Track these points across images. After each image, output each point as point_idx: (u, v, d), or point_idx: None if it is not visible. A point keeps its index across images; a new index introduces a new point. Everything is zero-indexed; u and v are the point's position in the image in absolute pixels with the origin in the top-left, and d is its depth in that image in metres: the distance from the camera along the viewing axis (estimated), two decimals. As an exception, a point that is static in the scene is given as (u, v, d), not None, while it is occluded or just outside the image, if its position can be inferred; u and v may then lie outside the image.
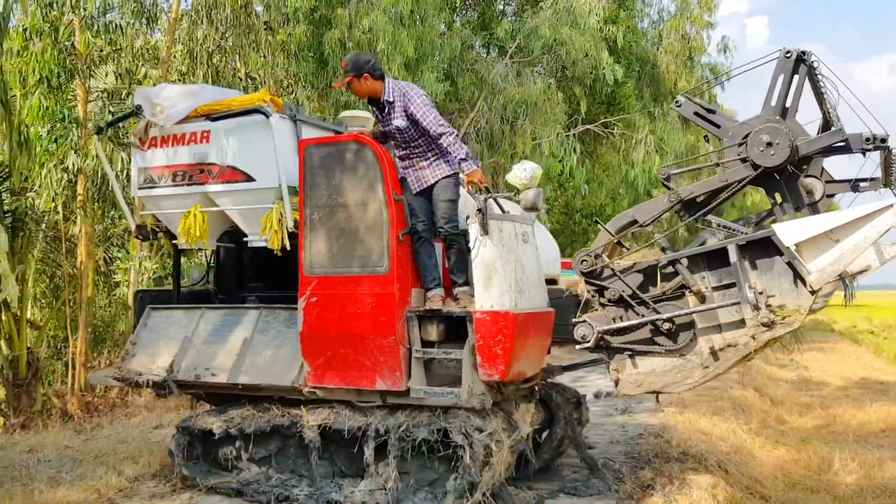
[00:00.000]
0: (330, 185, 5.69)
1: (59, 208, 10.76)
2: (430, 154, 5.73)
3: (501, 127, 15.53)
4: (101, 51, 11.40)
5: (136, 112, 6.50)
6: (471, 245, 5.37)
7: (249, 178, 6.10)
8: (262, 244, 6.04)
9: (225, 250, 7.24)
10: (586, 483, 6.45)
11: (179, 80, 12.08)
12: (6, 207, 10.19)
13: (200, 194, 6.33)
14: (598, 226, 5.97)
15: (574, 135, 15.96)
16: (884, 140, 5.15)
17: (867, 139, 5.19)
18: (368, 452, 5.58)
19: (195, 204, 6.33)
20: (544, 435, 6.96)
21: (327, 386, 5.74)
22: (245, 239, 6.34)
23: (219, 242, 6.82)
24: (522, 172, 6.28)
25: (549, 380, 6.74)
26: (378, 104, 5.85)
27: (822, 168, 5.75)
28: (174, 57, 12.68)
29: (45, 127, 10.46)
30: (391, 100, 5.72)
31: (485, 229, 5.24)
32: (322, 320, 5.68)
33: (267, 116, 5.95)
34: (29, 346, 10.78)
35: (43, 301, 13.00)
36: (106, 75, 11.65)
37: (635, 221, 5.68)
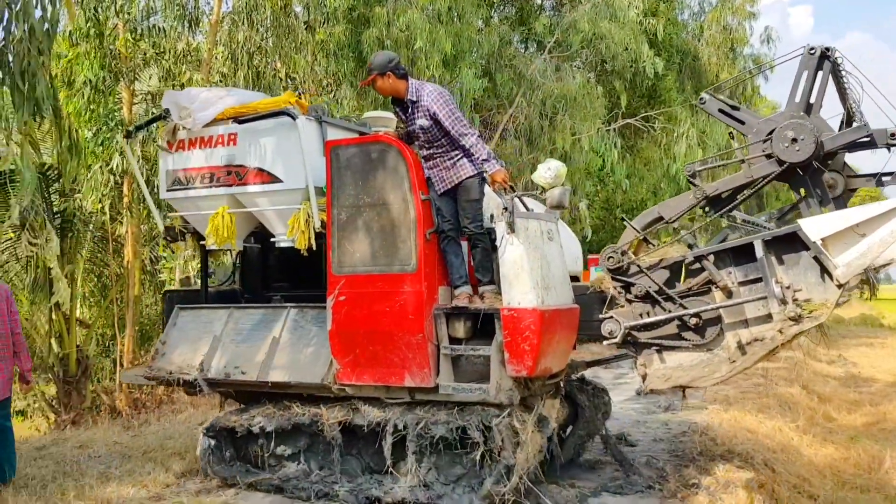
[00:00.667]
0: (357, 185, 5.76)
1: (106, 209, 10.97)
2: (453, 153, 5.74)
3: (540, 122, 15.45)
4: (145, 54, 11.59)
5: (164, 116, 6.61)
6: (498, 243, 5.42)
7: (277, 180, 6.16)
8: (290, 244, 6.12)
9: (250, 251, 7.31)
10: (629, 481, 6.40)
11: (221, 81, 12.24)
12: (55, 209, 10.46)
13: (228, 196, 6.41)
14: (625, 223, 6.03)
15: (614, 129, 15.81)
16: None
17: (892, 134, 5.22)
18: (387, 447, 5.64)
19: (223, 205, 6.40)
20: (568, 430, 7.01)
21: (357, 383, 5.82)
22: (272, 239, 6.42)
23: (245, 243, 6.89)
24: (547, 172, 6.32)
25: (573, 376, 6.78)
26: (401, 104, 5.88)
27: (844, 163, 5.78)
28: (215, 59, 12.84)
29: (91, 129, 10.67)
30: (414, 99, 5.75)
31: (511, 228, 5.30)
32: (351, 318, 5.75)
33: (293, 118, 6.01)
34: (78, 344, 11.06)
35: (91, 300, 13.29)
36: (150, 78, 11.85)
37: (661, 218, 5.74)
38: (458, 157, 5.73)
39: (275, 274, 7.38)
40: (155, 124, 7.18)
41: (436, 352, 5.56)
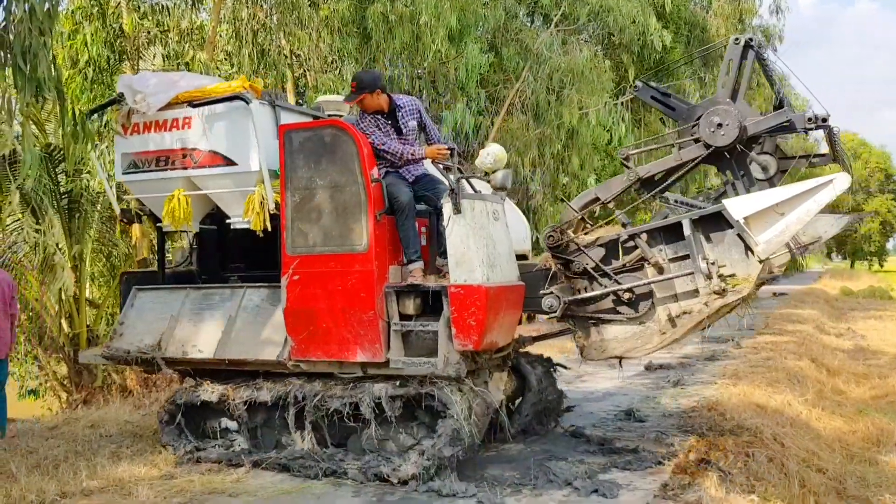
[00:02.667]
0: (309, 168, 5.98)
1: (113, 189, 10.96)
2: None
3: (547, 97, 15.30)
4: (149, 33, 11.53)
5: (119, 99, 6.68)
6: (445, 223, 5.66)
7: (231, 163, 6.33)
8: (245, 226, 6.29)
9: (207, 232, 7.36)
10: (638, 457, 6.41)
11: (226, 60, 12.18)
12: (62, 189, 10.45)
13: (183, 178, 6.56)
14: (564, 203, 6.46)
15: (622, 103, 15.66)
16: (825, 120, 5.44)
17: (809, 119, 5.52)
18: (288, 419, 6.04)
19: (178, 188, 6.54)
20: (517, 402, 7.32)
21: (311, 359, 6.06)
22: (228, 221, 6.60)
23: (201, 225, 6.99)
24: (487, 157, 6.47)
25: (519, 350, 7.04)
26: (384, 114, 6.21)
27: (777, 145, 6.21)
28: (220, 37, 12.76)
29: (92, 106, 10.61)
30: (401, 105, 6.23)
31: (457, 208, 5.57)
32: (304, 297, 5.98)
33: (247, 103, 6.17)
34: (88, 323, 11.10)
35: (101, 280, 13.33)
36: (154, 57, 11.80)
37: (598, 199, 6.07)
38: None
39: (231, 255, 7.47)
40: (109, 108, 7.27)
41: (387, 328, 5.81)
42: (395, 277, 5.91)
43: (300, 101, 14.62)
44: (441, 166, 6.31)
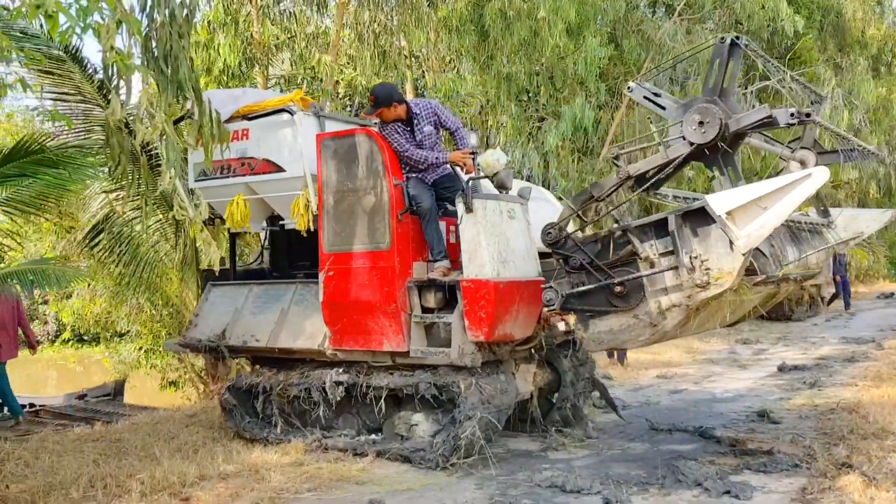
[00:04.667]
0: (341, 172, 6.50)
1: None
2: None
3: (671, 88, 14.85)
4: (277, 38, 11.98)
5: (189, 115, 7.07)
6: (458, 222, 6.03)
7: (280, 169, 6.94)
8: (294, 226, 6.85)
9: (278, 233, 7.85)
10: (773, 459, 6.10)
11: (349, 63, 12.48)
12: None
13: (243, 184, 7.19)
14: (562, 201, 6.80)
15: (752, 92, 14.97)
16: (808, 115, 5.50)
17: (791, 114, 5.53)
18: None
19: (238, 193, 7.19)
20: (555, 396, 7.41)
21: (345, 348, 6.54)
22: (281, 222, 7.21)
23: (271, 226, 7.59)
24: (489, 159, 6.55)
25: (554, 343, 6.97)
26: (403, 123, 6.59)
27: (815, 140, 6.38)
28: (343, 41, 13.12)
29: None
30: (417, 112, 6.61)
31: (469, 207, 5.92)
32: (338, 291, 6.49)
33: (291, 114, 6.81)
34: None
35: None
36: (282, 62, 12.26)
37: (593, 196, 6.22)
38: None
39: (298, 253, 7.80)
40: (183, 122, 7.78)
41: (409, 320, 6.24)
42: (419, 273, 6.30)
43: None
44: (458, 168, 6.67)
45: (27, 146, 8.17)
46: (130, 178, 6.92)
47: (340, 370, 6.63)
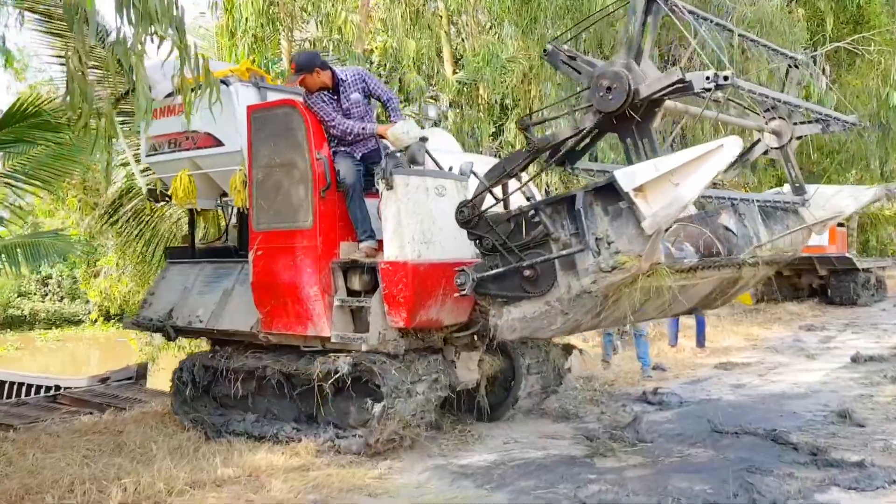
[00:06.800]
0: (269, 146, 6.19)
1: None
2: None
3: (730, 52, 13.65)
4: (304, -1, 11.15)
5: (135, 88, 6.80)
6: (380, 200, 5.72)
7: (220, 143, 6.73)
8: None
9: (245, 209, 7.40)
10: (866, 473, 5.12)
11: (383, 29, 11.62)
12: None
13: (188, 159, 7.00)
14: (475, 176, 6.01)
15: (822, 55, 13.69)
16: (726, 78, 4.64)
17: (707, 78, 4.72)
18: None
19: (184, 168, 7.00)
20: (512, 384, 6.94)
21: (275, 332, 6.26)
22: (224, 198, 7.07)
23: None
24: (397, 132, 6.17)
25: None
26: (330, 91, 6.23)
27: (791, 111, 5.89)
28: (375, 5, 12.24)
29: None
30: (344, 78, 6.25)
31: (389, 184, 5.60)
32: (266, 272, 6.22)
33: (227, 86, 6.52)
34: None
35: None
36: (307, 24, 11.43)
37: (506, 170, 5.60)
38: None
39: None
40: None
41: (332, 303, 5.91)
42: (347, 254, 5.98)
43: (457, 69, 13.92)
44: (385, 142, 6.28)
45: (23, 109, 7.63)
46: (95, 135, 6.65)
47: (267, 355, 6.37)
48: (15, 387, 12.96)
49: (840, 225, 18.51)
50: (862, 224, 26.98)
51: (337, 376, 5.75)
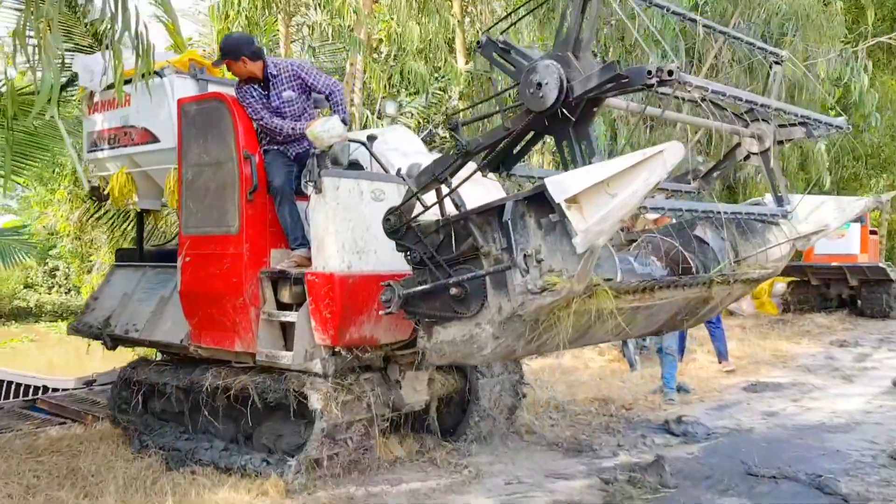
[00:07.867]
0: (198, 143, 5.73)
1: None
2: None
3: (706, 45, 12.80)
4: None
5: (73, 80, 6.63)
6: (307, 204, 5.29)
7: (156, 139, 6.29)
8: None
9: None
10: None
11: (386, 9, 10.82)
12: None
13: (126, 156, 6.55)
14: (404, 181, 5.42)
15: (863, 50, 12.76)
16: (671, 73, 3.94)
17: (649, 72, 4.04)
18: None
19: (123, 165, 6.56)
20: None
21: (204, 345, 5.81)
22: (162, 199, 6.57)
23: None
24: (317, 131, 5.54)
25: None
26: (260, 85, 5.74)
27: (776, 110, 5.28)
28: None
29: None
30: (275, 73, 5.71)
31: (318, 187, 5.16)
32: (193, 280, 5.77)
33: (161, 77, 6.13)
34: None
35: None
36: (307, 7, 10.67)
37: (434, 175, 4.88)
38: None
39: None
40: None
41: (259, 317, 5.46)
42: (278, 263, 5.53)
43: (469, 59, 13.12)
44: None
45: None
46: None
47: (193, 370, 5.92)
48: (4, 385, 12.50)
49: (873, 233, 17.55)
50: (890, 231, 25.98)
51: (257, 397, 5.37)
